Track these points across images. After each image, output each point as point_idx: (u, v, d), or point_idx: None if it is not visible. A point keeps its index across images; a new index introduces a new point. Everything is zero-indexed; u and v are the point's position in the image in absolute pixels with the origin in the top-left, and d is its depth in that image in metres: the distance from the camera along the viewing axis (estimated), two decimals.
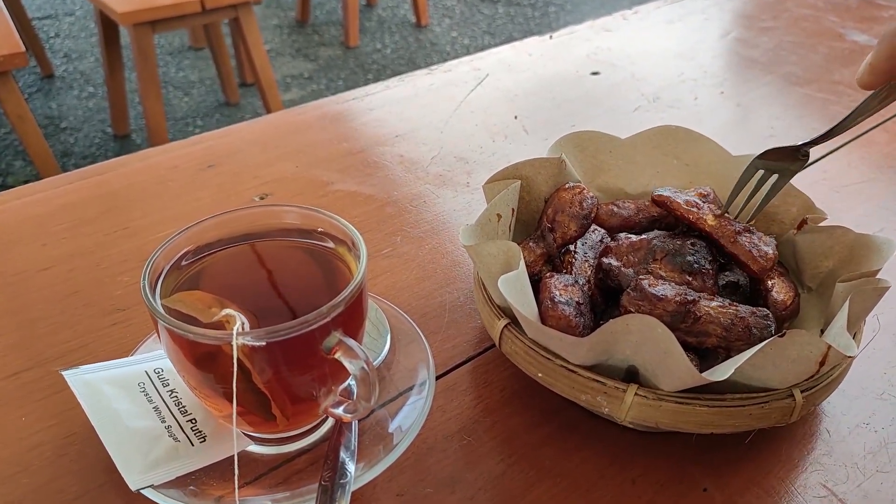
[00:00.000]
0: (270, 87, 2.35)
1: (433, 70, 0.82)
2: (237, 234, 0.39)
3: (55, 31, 3.31)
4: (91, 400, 0.37)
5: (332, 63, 3.08)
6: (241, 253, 0.39)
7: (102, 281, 0.51)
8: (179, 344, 0.33)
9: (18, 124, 1.89)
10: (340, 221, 0.38)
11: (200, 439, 0.37)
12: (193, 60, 3.10)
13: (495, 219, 0.44)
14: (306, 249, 0.40)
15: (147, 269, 0.35)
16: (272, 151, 0.67)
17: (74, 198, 0.59)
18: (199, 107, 2.76)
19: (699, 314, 0.38)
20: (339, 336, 0.34)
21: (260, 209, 0.39)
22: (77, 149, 2.48)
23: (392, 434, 0.38)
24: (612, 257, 0.43)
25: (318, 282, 0.39)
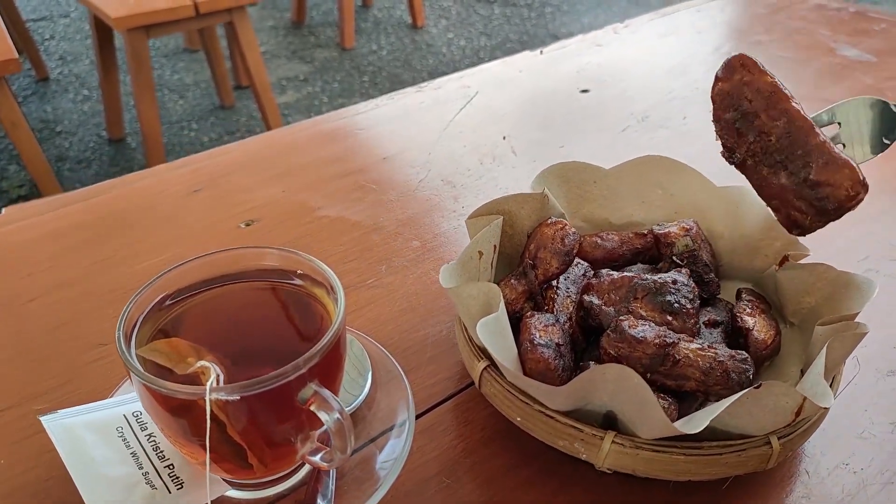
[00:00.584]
0: (265, 91, 2.35)
1: (423, 88, 0.82)
2: (216, 277, 0.39)
3: (50, 34, 3.30)
4: (68, 447, 0.37)
5: (327, 65, 3.08)
6: (219, 297, 0.39)
7: (87, 313, 0.51)
8: (154, 396, 0.33)
9: (12, 131, 1.89)
10: (319, 265, 0.38)
11: (178, 486, 0.37)
12: (189, 63, 3.09)
13: (477, 256, 0.44)
14: (285, 292, 0.39)
15: (122, 318, 0.35)
16: (260, 174, 0.67)
17: (60, 224, 0.59)
18: (195, 110, 2.75)
19: (678, 357, 0.38)
20: (314, 387, 0.34)
21: (239, 251, 0.39)
22: (72, 153, 2.48)
23: (371, 477, 0.38)
24: (593, 295, 0.43)
25: (296, 326, 0.39)
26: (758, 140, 0.37)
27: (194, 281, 0.38)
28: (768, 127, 0.37)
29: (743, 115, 0.38)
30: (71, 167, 2.39)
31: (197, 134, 2.59)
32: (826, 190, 0.36)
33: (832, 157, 0.36)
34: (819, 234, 0.58)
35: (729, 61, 0.39)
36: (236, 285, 0.39)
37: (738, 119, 0.38)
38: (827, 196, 0.36)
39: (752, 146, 0.38)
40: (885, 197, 0.63)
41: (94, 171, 2.39)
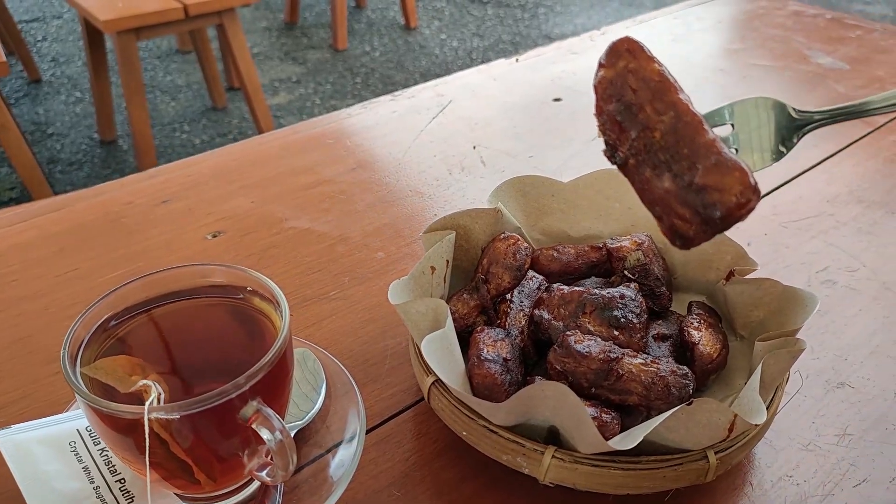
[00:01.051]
0: (256, 93, 2.35)
1: (397, 97, 0.82)
2: (163, 294, 0.39)
3: (42, 35, 3.31)
4: (20, 462, 0.37)
5: (320, 66, 3.08)
6: (166, 314, 0.39)
7: (49, 326, 0.51)
8: (97, 415, 0.34)
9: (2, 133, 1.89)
10: (265, 281, 0.39)
11: (128, 500, 0.38)
12: (181, 64, 3.09)
13: (429, 271, 0.45)
14: (233, 309, 0.40)
15: (67, 339, 0.35)
16: (229, 185, 0.67)
17: (27, 237, 0.60)
18: (186, 111, 2.76)
19: (622, 372, 0.39)
20: (255, 405, 0.34)
21: (186, 269, 0.39)
22: (63, 155, 2.48)
23: (321, 489, 0.39)
24: (543, 309, 0.44)
25: (243, 341, 0.40)
26: (641, 136, 0.32)
27: (141, 299, 0.39)
28: (653, 121, 0.32)
29: (626, 106, 0.33)
30: (63, 169, 2.40)
31: (189, 136, 2.60)
32: (713, 195, 0.30)
33: (721, 159, 0.30)
34: (779, 246, 0.59)
35: (613, 45, 0.34)
36: (184, 302, 0.39)
37: (621, 111, 0.33)
38: (714, 202, 0.30)
39: (634, 143, 0.33)
40: (845, 208, 0.64)
41: (85, 173, 2.40)
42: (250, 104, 2.36)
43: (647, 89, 0.32)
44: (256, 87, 2.34)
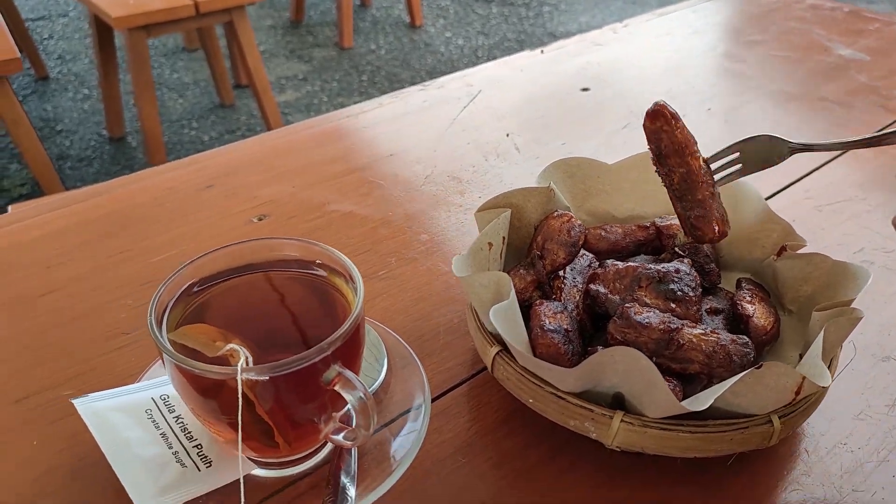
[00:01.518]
0: (265, 90, 2.36)
1: (426, 86, 0.84)
2: (239, 266, 0.40)
3: (49, 33, 3.31)
4: (101, 429, 0.38)
5: (326, 64, 3.09)
6: (243, 285, 0.40)
7: (105, 305, 0.52)
8: (186, 377, 0.35)
9: (14, 129, 1.90)
10: (338, 255, 0.40)
11: (206, 464, 0.39)
12: (188, 62, 3.10)
13: (486, 247, 0.46)
14: (306, 281, 0.41)
15: (153, 303, 0.37)
16: (268, 172, 0.68)
17: (72, 221, 0.61)
18: (194, 108, 2.76)
19: (682, 342, 0.40)
20: (337, 369, 0.35)
21: (261, 242, 0.41)
22: (73, 151, 2.49)
23: (391, 457, 0.40)
24: (599, 284, 0.45)
25: (317, 312, 0.41)
26: (667, 173, 0.46)
27: (220, 269, 0.40)
28: (673, 169, 0.45)
29: (660, 151, 0.45)
30: (72, 165, 2.40)
31: (197, 132, 2.61)
32: (698, 232, 0.45)
33: (707, 212, 0.45)
34: (816, 226, 0.61)
35: (654, 109, 0.45)
36: (259, 274, 0.40)
37: (657, 153, 0.46)
38: (698, 236, 0.46)
39: (663, 173, 0.46)
40: (874, 193, 0.65)
41: (95, 170, 2.40)
42: (259, 101, 2.37)
43: (672, 146, 0.45)
44: (265, 84, 2.35)
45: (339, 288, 0.41)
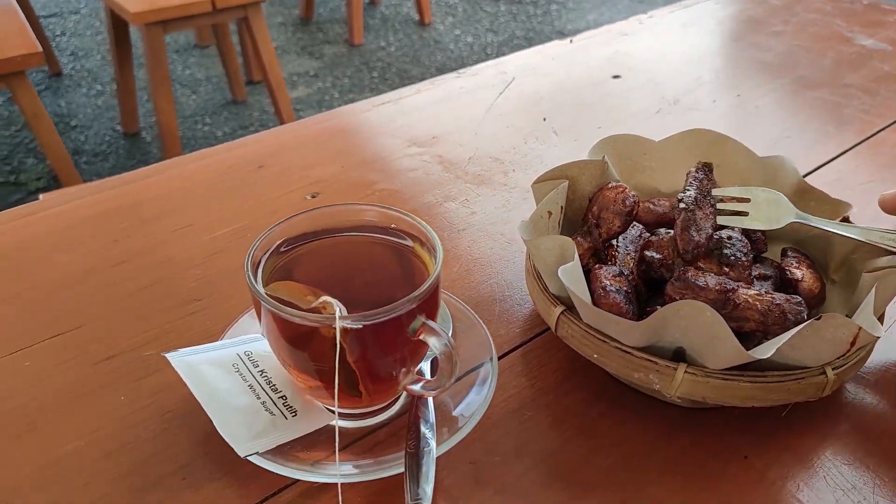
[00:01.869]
0: (279, 85, 2.38)
1: (461, 74, 0.86)
2: (323, 229, 0.43)
3: (61, 30, 3.33)
4: (194, 379, 0.41)
5: (337, 61, 3.12)
6: (326, 246, 0.43)
7: (173, 275, 0.54)
8: (281, 325, 0.37)
9: (34, 122, 1.92)
10: (414, 219, 0.42)
11: (292, 414, 0.41)
12: (199, 58, 3.12)
13: (546, 216, 0.48)
14: (384, 243, 0.44)
15: (248, 259, 0.39)
16: (315, 153, 0.71)
17: (133, 199, 0.63)
18: (207, 104, 2.79)
19: (738, 301, 0.42)
20: (422, 319, 0.38)
21: (343, 207, 0.43)
22: (88, 146, 2.51)
23: (462, 409, 0.42)
24: (653, 251, 0.47)
25: (394, 272, 0.43)
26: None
27: (305, 231, 0.42)
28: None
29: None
30: (88, 160, 2.43)
31: (211, 128, 2.63)
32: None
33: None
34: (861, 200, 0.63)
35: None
36: (341, 236, 0.43)
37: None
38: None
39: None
40: None
41: (111, 164, 2.43)
42: (273, 97, 2.39)
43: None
44: (279, 80, 2.37)
45: (413, 250, 0.43)
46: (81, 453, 0.41)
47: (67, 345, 0.48)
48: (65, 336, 0.49)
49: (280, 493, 0.39)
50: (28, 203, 0.62)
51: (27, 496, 0.39)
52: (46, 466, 0.41)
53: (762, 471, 0.41)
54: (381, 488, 0.39)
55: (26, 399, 0.44)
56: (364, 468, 0.39)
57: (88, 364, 0.47)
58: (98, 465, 0.41)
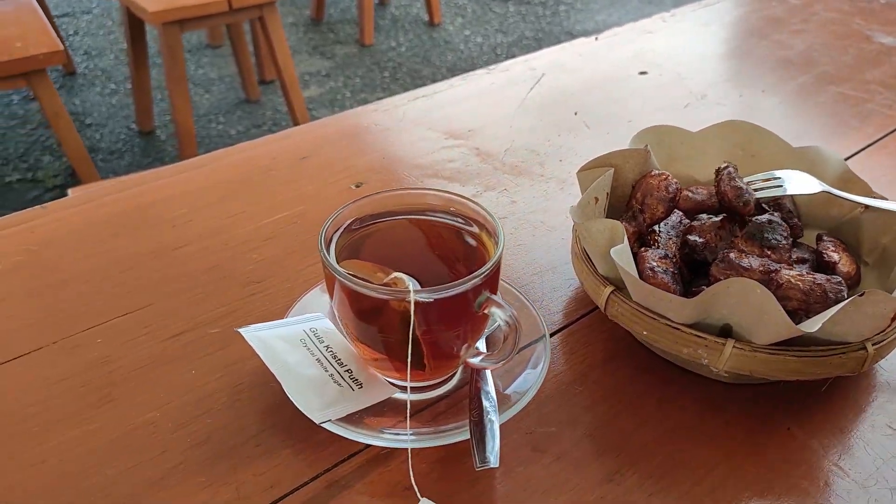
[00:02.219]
0: (293, 85, 2.40)
1: (492, 70, 0.88)
2: (389, 210, 0.45)
3: (74, 29, 3.36)
4: (266, 353, 0.43)
5: (348, 61, 3.14)
6: (393, 226, 0.45)
7: (234, 257, 0.57)
8: (353, 298, 0.40)
9: (54, 120, 1.95)
10: (474, 202, 0.45)
11: (358, 386, 0.43)
12: (212, 58, 3.15)
13: (593, 201, 0.51)
14: (445, 225, 0.46)
15: (321, 237, 0.41)
16: (356, 145, 0.73)
17: (190, 186, 0.66)
18: (221, 103, 2.81)
19: (781, 281, 0.45)
20: (487, 294, 0.40)
21: (405, 191, 0.45)
22: (103, 144, 2.54)
23: (517, 384, 0.45)
24: (696, 235, 0.50)
25: (457, 252, 0.46)
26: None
27: (373, 212, 0.45)
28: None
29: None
30: (104, 158, 2.45)
31: (225, 127, 2.65)
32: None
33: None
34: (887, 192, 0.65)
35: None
36: (406, 218, 0.45)
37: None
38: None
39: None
40: None
41: (126, 162, 2.45)
42: (287, 96, 2.41)
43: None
44: (293, 79, 2.39)
45: (472, 233, 0.45)
46: (157, 423, 0.44)
47: (137, 322, 0.50)
48: (134, 314, 0.51)
49: (350, 459, 0.42)
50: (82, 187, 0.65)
51: (110, 461, 0.41)
52: (125, 435, 0.43)
53: (804, 441, 0.43)
54: (444, 455, 0.42)
55: (103, 373, 0.47)
56: (430, 435, 0.41)
57: (158, 340, 0.49)
58: (173, 434, 0.43)
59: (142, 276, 0.55)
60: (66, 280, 0.54)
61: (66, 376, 0.46)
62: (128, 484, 0.40)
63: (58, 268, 0.55)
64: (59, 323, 0.50)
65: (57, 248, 0.57)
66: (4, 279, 0.54)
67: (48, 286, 0.54)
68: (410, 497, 0.40)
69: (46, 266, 0.55)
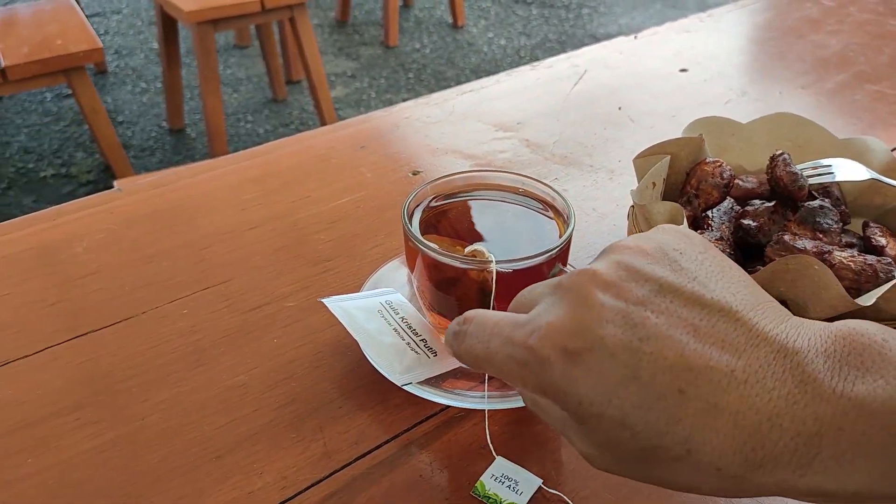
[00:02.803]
0: (321, 84, 2.44)
1: (536, 66, 0.91)
2: (464, 190, 0.48)
3: (104, 29, 3.42)
4: (348, 320, 0.46)
5: (373, 62, 3.18)
6: (467, 204, 0.48)
7: (302, 238, 0.60)
8: (434, 269, 0.43)
9: (91, 116, 2.00)
10: (544, 183, 0.48)
11: (433, 354, 0.46)
12: (239, 58, 3.20)
13: (651, 186, 0.53)
14: (517, 203, 0.49)
15: (404, 211, 0.44)
16: (411, 135, 0.76)
17: (255, 173, 0.69)
18: (248, 103, 2.86)
19: (834, 262, 0.47)
20: (560, 266, 0.43)
21: (479, 172, 0.48)
22: (135, 142, 2.59)
23: None
24: (750, 219, 0.52)
25: (528, 229, 0.49)
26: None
27: (450, 191, 0.48)
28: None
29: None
30: (136, 154, 2.50)
31: (253, 125, 2.70)
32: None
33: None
34: None
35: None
36: (481, 196, 0.48)
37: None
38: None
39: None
40: None
41: (158, 159, 2.50)
42: (315, 95, 2.45)
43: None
44: (321, 79, 2.43)
45: (544, 212, 0.48)
46: (247, 386, 0.47)
47: (218, 296, 0.54)
48: (217, 288, 0.54)
49: (428, 419, 0.45)
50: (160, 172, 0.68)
51: (206, 418, 0.45)
52: (217, 395, 0.46)
53: None
54: (516, 418, 0.45)
55: (191, 340, 0.50)
56: (502, 398, 0.44)
57: (240, 312, 0.52)
58: (262, 395, 0.46)
59: (218, 254, 0.58)
60: (150, 256, 0.57)
61: (156, 343, 0.50)
62: (225, 438, 0.43)
63: (139, 246, 0.59)
64: (147, 296, 0.54)
65: (136, 228, 0.61)
66: (92, 254, 0.57)
67: (132, 262, 0.57)
68: (486, 456, 0.43)
69: (128, 244, 0.59)
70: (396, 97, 2.88)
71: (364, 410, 0.45)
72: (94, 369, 0.48)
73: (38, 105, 2.79)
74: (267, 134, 2.64)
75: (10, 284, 0.55)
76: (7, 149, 2.51)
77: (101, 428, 0.44)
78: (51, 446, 0.43)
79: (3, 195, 2.29)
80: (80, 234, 0.60)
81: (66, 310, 0.52)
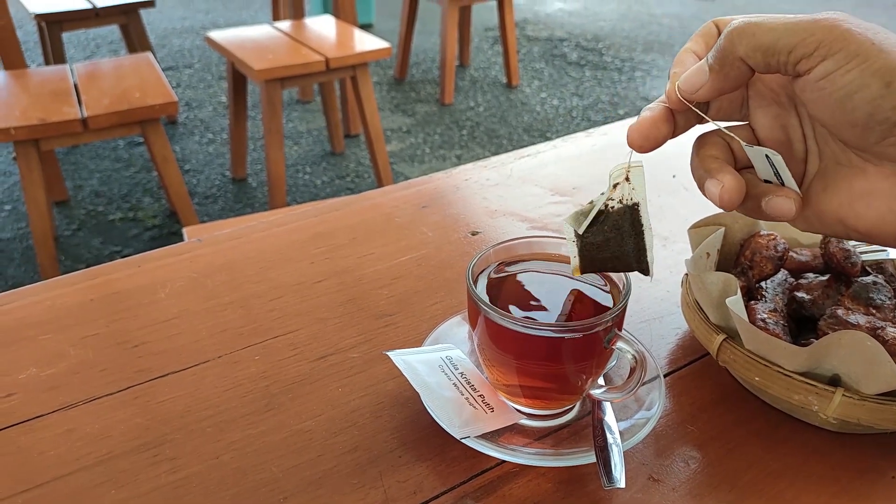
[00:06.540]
0: (378, 139, 2.53)
1: (591, 133, 0.94)
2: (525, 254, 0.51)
3: (177, 82, 3.62)
4: (411, 373, 0.49)
5: (428, 118, 3.27)
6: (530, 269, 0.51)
7: (367, 293, 0.63)
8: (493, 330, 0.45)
9: (162, 164, 2.10)
10: None
11: (490, 409, 0.48)
12: (301, 113, 3.33)
13: (705, 257, 0.55)
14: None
15: (469, 270, 0.47)
16: (470, 197, 0.80)
17: (323, 228, 0.73)
18: (308, 155, 2.97)
19: (886, 338, 0.48)
20: (616, 331, 0.45)
21: (539, 239, 0.51)
22: (200, 189, 2.70)
23: (633, 419, 0.49)
24: (804, 292, 0.53)
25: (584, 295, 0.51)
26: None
27: (511, 258, 0.50)
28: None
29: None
30: (199, 202, 2.61)
31: (311, 177, 2.79)
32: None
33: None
34: None
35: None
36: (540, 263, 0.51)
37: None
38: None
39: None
40: None
41: (220, 207, 2.60)
42: (371, 149, 2.54)
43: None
44: (379, 134, 2.52)
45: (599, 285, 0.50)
46: (312, 431, 0.50)
47: (288, 345, 0.57)
48: (285, 337, 0.58)
49: (484, 473, 0.46)
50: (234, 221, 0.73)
51: (275, 460, 0.47)
52: (286, 438, 0.49)
53: None
54: (568, 477, 0.46)
55: (262, 385, 0.53)
56: (555, 457, 0.46)
57: (307, 361, 0.55)
58: (326, 441, 0.49)
59: (288, 305, 0.62)
60: (226, 304, 0.61)
61: (230, 387, 0.53)
62: (291, 480, 0.46)
63: (216, 294, 0.63)
64: (222, 341, 0.57)
65: (214, 277, 0.65)
66: (173, 299, 0.62)
67: (209, 309, 0.61)
68: None
69: (206, 292, 0.63)
70: (450, 153, 2.95)
71: (423, 461, 0.47)
72: (172, 409, 0.51)
73: (111, 151, 2.95)
74: (324, 185, 2.73)
75: (98, 325, 0.59)
76: (80, 192, 2.66)
77: (178, 465, 0.47)
78: (130, 480, 0.46)
79: (73, 236, 2.41)
80: (162, 281, 0.64)
81: (149, 351, 0.56)
